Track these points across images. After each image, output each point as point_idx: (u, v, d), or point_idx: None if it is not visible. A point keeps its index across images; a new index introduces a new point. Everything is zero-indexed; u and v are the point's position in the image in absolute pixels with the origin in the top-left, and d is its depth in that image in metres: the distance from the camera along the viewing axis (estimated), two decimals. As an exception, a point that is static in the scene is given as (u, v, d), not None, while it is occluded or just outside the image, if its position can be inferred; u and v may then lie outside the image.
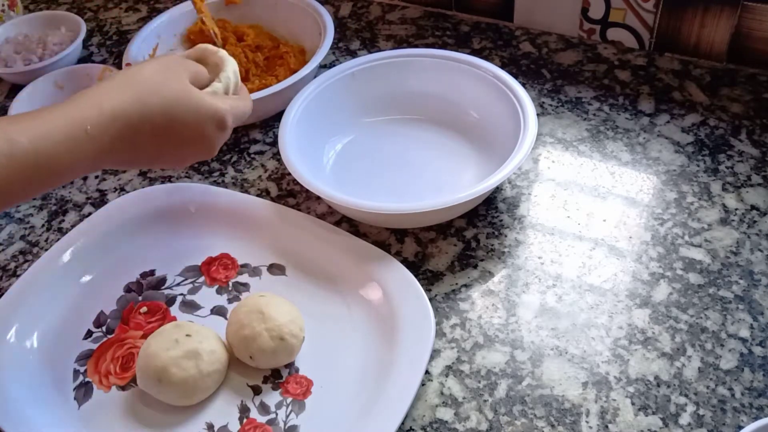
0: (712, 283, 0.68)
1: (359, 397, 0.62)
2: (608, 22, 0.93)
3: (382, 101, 0.86)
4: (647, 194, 0.76)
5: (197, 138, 0.61)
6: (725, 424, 0.59)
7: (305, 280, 0.71)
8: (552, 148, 0.82)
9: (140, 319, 0.70)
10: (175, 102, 0.59)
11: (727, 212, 0.74)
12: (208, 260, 0.74)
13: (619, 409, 0.60)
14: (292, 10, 0.96)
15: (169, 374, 0.61)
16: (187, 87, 0.60)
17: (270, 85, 0.86)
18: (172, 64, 0.62)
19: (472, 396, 0.62)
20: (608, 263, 0.70)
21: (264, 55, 0.93)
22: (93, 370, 0.66)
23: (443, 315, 0.68)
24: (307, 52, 0.94)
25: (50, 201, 0.83)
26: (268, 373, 0.65)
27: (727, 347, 0.63)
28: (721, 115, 0.84)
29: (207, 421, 0.62)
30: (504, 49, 0.96)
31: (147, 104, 0.57)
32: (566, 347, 0.64)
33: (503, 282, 0.70)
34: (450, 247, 0.73)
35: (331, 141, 0.83)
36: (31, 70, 0.95)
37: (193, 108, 0.60)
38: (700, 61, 0.91)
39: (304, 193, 0.80)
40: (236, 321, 0.64)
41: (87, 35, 1.05)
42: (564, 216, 0.75)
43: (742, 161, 0.78)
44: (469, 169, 0.79)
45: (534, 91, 0.89)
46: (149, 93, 0.57)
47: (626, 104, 0.86)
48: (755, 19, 0.85)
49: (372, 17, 1.04)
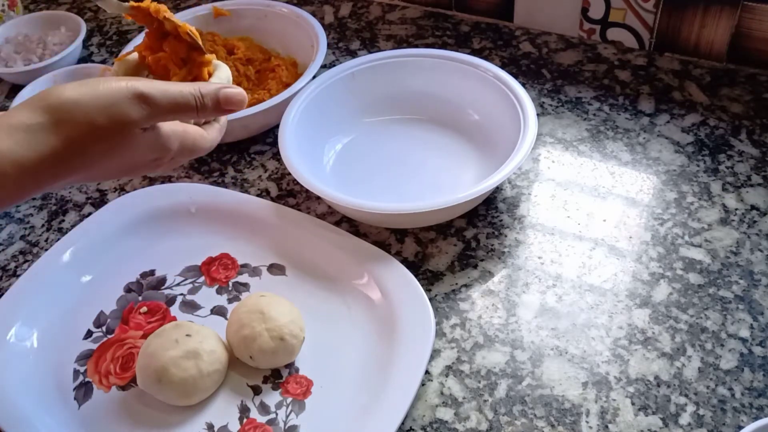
0: (712, 283, 0.68)
1: (359, 397, 0.62)
2: (608, 22, 0.93)
3: (382, 101, 0.86)
4: (647, 194, 0.76)
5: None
6: (725, 424, 0.59)
7: (305, 280, 0.71)
8: (552, 148, 0.82)
9: (140, 319, 0.70)
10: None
11: (727, 212, 0.74)
12: (208, 260, 0.74)
13: (619, 409, 0.60)
14: (283, 22, 0.94)
15: (169, 374, 0.61)
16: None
17: (262, 99, 0.84)
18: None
19: (472, 396, 0.62)
20: (608, 263, 0.70)
21: (255, 68, 0.91)
22: (93, 370, 0.66)
23: (443, 315, 0.68)
24: (299, 64, 0.92)
25: (50, 201, 0.83)
26: (268, 373, 0.65)
27: (727, 347, 0.63)
28: (721, 115, 0.84)
29: (207, 421, 0.62)
30: (504, 49, 0.96)
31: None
32: (566, 347, 0.64)
33: (503, 282, 0.70)
34: (450, 247, 0.73)
35: (331, 141, 0.83)
36: (31, 70, 0.95)
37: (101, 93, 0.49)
38: (700, 61, 0.91)
39: (304, 193, 0.80)
40: (236, 321, 0.64)
41: (87, 35, 1.05)
42: (564, 216, 0.75)
43: (742, 161, 0.78)
44: (469, 169, 0.79)
45: (534, 91, 0.89)
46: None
47: (626, 104, 0.86)
48: (755, 19, 0.85)
49: (372, 17, 1.04)
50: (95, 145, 0.48)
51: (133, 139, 0.50)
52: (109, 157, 0.50)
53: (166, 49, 0.59)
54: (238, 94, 0.55)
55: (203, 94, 0.53)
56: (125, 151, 0.51)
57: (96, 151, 0.49)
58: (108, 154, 0.50)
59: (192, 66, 0.59)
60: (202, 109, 0.53)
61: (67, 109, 0.47)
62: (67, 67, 0.95)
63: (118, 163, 0.51)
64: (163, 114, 0.51)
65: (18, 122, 0.46)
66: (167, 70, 0.59)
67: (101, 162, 0.50)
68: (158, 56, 0.59)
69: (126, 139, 0.50)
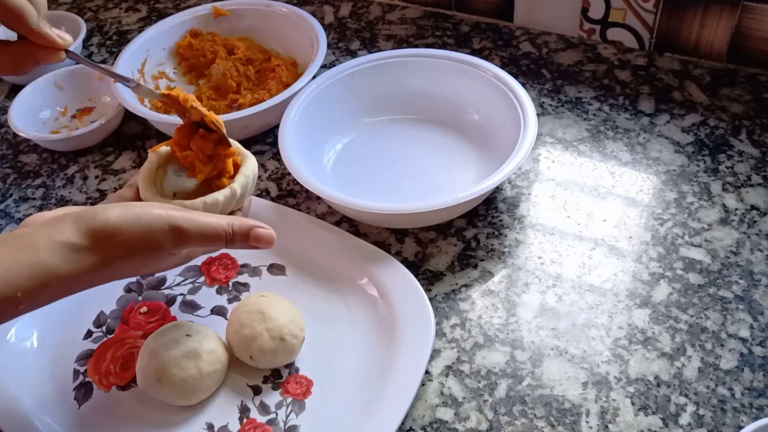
0: (712, 283, 0.68)
1: (359, 397, 0.62)
2: (608, 22, 0.93)
3: (382, 101, 0.86)
4: (647, 194, 0.76)
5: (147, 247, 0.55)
6: (725, 424, 0.59)
7: (305, 280, 0.71)
8: (552, 148, 0.82)
9: (140, 319, 0.70)
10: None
11: (727, 212, 0.74)
12: (208, 260, 0.74)
13: (619, 409, 0.60)
14: (283, 22, 0.94)
15: (169, 374, 0.61)
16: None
17: (262, 99, 0.84)
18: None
19: (472, 396, 0.62)
20: (608, 263, 0.70)
21: (255, 68, 0.91)
22: (93, 370, 0.66)
23: (443, 315, 0.68)
24: (299, 64, 0.92)
25: (50, 201, 0.83)
26: (268, 373, 0.65)
27: (727, 347, 0.63)
28: (721, 115, 0.84)
29: (207, 421, 0.62)
30: (504, 49, 0.96)
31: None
32: (566, 347, 0.64)
33: (503, 282, 0.70)
34: (450, 247, 0.73)
35: (331, 141, 0.83)
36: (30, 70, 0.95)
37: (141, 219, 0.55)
38: (700, 61, 0.91)
39: (304, 193, 0.80)
40: (236, 321, 0.64)
41: (87, 35, 1.05)
42: (564, 216, 0.75)
43: (742, 161, 0.78)
44: (469, 169, 0.79)
45: (534, 91, 0.89)
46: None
47: (626, 104, 0.86)
48: (755, 19, 0.85)
49: (372, 17, 1.04)
50: (128, 265, 0.55)
51: (161, 259, 0.58)
52: (140, 272, 0.58)
53: (193, 148, 0.63)
54: (268, 236, 0.59)
55: (235, 231, 0.58)
56: (155, 266, 0.59)
57: (127, 269, 0.56)
58: (136, 270, 0.57)
59: (218, 161, 0.63)
60: (230, 243, 0.58)
61: (109, 235, 0.53)
62: (67, 67, 0.95)
63: (150, 270, 0.60)
64: (193, 245, 0.57)
65: (65, 241, 0.51)
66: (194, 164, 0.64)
67: (132, 274, 0.58)
68: (186, 154, 0.64)
69: (154, 259, 0.56)
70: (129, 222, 0.53)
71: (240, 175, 0.63)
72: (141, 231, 0.54)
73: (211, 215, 0.58)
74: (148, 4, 1.12)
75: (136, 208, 0.55)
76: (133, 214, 0.54)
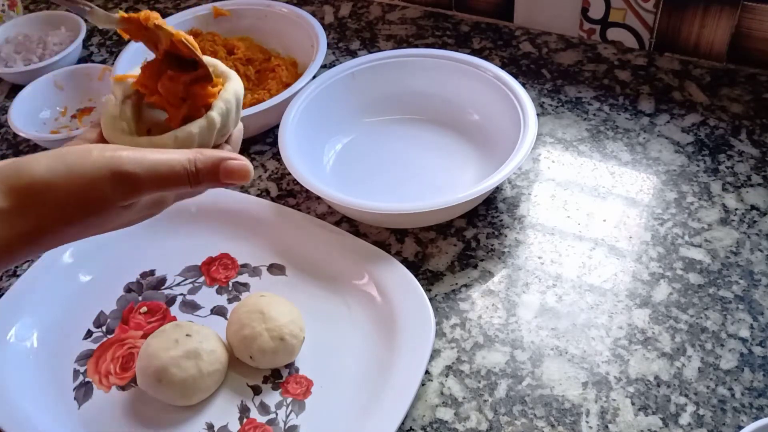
0: (712, 283, 0.68)
1: (359, 397, 0.62)
2: (608, 22, 0.93)
3: (382, 101, 0.86)
4: (647, 194, 0.76)
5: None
6: (725, 424, 0.59)
7: (305, 280, 0.71)
8: (552, 148, 0.82)
9: (140, 319, 0.70)
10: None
11: (727, 212, 0.74)
12: (208, 260, 0.74)
13: (619, 409, 0.60)
14: (283, 22, 0.94)
15: (169, 374, 0.61)
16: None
17: (262, 99, 0.84)
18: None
19: (472, 396, 0.62)
20: (608, 263, 0.70)
21: (255, 68, 0.91)
22: (93, 370, 0.66)
23: (443, 315, 0.68)
24: (299, 64, 0.92)
25: (50, 201, 0.83)
26: (268, 373, 0.65)
27: (727, 347, 0.63)
28: (721, 115, 0.84)
29: (207, 421, 0.62)
30: (504, 49, 0.96)
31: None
32: (566, 347, 0.64)
33: (503, 282, 0.70)
34: (450, 247, 0.73)
35: (331, 141, 0.83)
36: (31, 70, 0.95)
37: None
38: (700, 61, 0.91)
39: (304, 193, 0.80)
40: (236, 321, 0.64)
41: (87, 35, 1.05)
42: (564, 216, 0.75)
43: (742, 161, 0.78)
44: (469, 169, 0.79)
45: (534, 91, 0.89)
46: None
47: (626, 104, 0.86)
48: (755, 19, 0.85)
49: (372, 17, 1.04)
50: (68, 228, 0.45)
51: (110, 215, 0.46)
52: (88, 232, 0.47)
53: (161, 91, 0.52)
54: (242, 167, 0.48)
55: (198, 167, 0.47)
56: (106, 224, 0.47)
57: (70, 232, 0.46)
58: (84, 231, 0.47)
59: (194, 100, 0.52)
60: (195, 182, 0.47)
61: (37, 192, 0.43)
62: (67, 67, 0.95)
63: (102, 230, 0.48)
64: (148, 192, 0.46)
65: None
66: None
67: (79, 236, 0.47)
68: (153, 99, 0.53)
69: (100, 216, 0.46)
70: (59, 174, 0.43)
71: (218, 101, 0.51)
72: (76, 185, 0.44)
73: (166, 151, 0.47)
74: (148, 5, 1.12)
75: (69, 155, 0.44)
76: (63, 164, 0.44)
